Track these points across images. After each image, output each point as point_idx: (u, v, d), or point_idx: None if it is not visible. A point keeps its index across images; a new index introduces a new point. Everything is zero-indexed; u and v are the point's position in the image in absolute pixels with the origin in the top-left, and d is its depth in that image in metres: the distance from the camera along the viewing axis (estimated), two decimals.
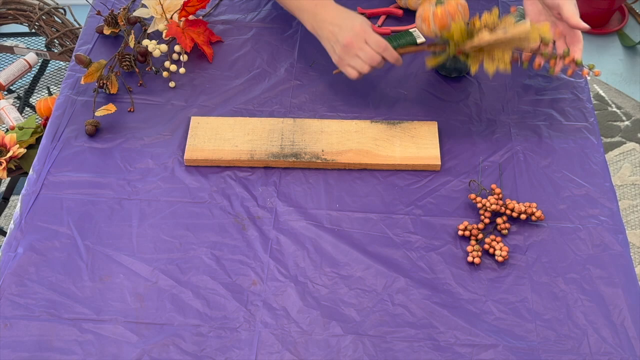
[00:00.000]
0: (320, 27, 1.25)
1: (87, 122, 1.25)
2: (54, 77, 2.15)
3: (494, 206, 1.12)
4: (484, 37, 1.10)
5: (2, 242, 1.16)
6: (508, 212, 1.13)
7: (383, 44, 1.21)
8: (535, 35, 1.10)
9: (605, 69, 2.52)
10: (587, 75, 1.22)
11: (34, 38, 2.06)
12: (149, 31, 1.39)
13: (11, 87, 1.94)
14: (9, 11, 1.90)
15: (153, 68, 1.34)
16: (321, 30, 1.26)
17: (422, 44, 1.38)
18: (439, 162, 1.19)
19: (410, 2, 1.42)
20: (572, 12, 1.14)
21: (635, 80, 2.49)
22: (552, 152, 1.22)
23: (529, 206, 1.13)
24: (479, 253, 1.09)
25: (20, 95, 1.96)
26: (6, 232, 1.23)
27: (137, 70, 1.34)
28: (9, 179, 1.70)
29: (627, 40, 2.60)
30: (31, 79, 1.99)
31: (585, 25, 1.13)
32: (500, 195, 1.14)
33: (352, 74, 1.23)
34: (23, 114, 1.87)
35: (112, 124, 1.27)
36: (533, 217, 1.12)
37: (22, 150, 1.47)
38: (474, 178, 1.19)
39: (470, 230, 1.11)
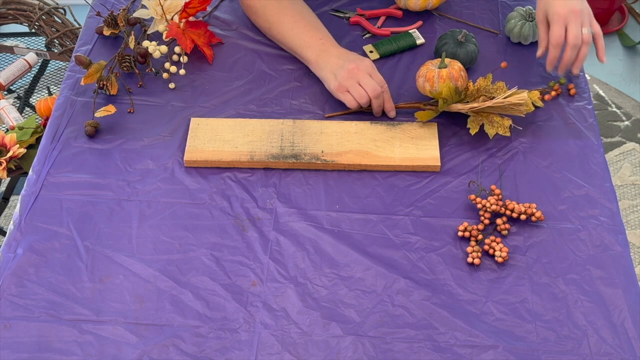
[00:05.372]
0: (325, 59, 1.27)
1: (87, 123, 1.25)
2: (54, 77, 2.15)
3: (493, 207, 1.12)
4: (483, 102, 1.19)
5: (2, 242, 1.16)
6: (508, 212, 1.13)
7: (385, 85, 1.24)
8: (529, 104, 1.20)
9: (605, 69, 2.51)
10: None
11: (34, 38, 2.06)
12: (149, 32, 1.39)
13: (11, 87, 1.94)
14: (9, 11, 1.90)
15: (153, 69, 1.34)
16: (325, 61, 1.27)
17: (421, 44, 1.39)
18: (438, 163, 1.19)
19: (410, 3, 1.42)
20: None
21: (635, 80, 2.49)
22: (552, 153, 1.22)
23: (529, 207, 1.13)
24: (479, 254, 1.09)
25: (20, 95, 1.96)
26: (6, 233, 1.23)
27: (137, 71, 1.34)
28: (9, 179, 1.70)
29: (627, 40, 2.60)
30: (31, 79, 1.99)
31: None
32: (500, 196, 1.14)
33: (350, 100, 1.24)
34: (23, 114, 1.87)
35: (111, 125, 1.27)
36: (533, 218, 1.12)
37: (22, 150, 1.47)
38: (473, 179, 1.19)
39: (470, 231, 1.11)
